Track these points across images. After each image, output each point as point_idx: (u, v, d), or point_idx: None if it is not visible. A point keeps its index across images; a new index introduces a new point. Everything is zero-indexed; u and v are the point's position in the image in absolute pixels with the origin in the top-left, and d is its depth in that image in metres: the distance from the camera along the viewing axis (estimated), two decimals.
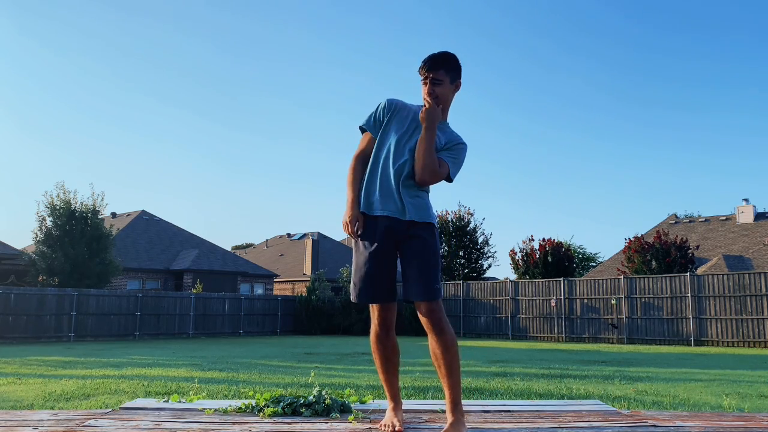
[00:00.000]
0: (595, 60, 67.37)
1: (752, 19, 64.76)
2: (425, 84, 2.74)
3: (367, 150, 2.83)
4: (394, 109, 2.83)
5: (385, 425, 2.64)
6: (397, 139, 2.75)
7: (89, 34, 57.00)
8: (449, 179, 2.75)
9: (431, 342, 2.65)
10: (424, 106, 2.70)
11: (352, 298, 2.75)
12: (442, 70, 2.73)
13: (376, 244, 2.69)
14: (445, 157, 2.74)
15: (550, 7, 62.42)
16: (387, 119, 2.81)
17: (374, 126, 2.83)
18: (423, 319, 2.64)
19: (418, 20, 61.72)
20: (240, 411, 3.02)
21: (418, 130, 2.73)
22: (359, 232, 2.69)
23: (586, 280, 21.45)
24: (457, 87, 2.81)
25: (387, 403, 2.88)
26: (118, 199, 75.97)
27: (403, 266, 2.71)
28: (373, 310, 2.76)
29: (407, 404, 3.36)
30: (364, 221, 2.72)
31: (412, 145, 2.73)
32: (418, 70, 2.76)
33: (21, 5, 50.80)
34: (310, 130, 74.24)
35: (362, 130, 2.88)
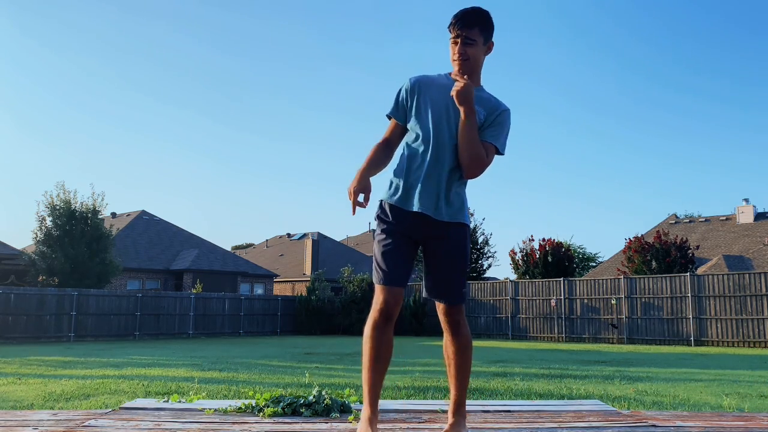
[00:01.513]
0: (593, 58, 67.40)
1: (754, 15, 64.76)
2: (455, 44, 2.45)
3: (392, 138, 2.59)
4: (419, 89, 2.52)
5: None
6: (434, 126, 2.46)
7: (89, 33, 57.06)
8: (500, 153, 2.52)
9: (446, 341, 2.56)
10: (456, 85, 2.37)
11: (375, 281, 2.52)
12: (476, 29, 2.43)
13: (402, 236, 2.48)
14: (489, 137, 2.47)
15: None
16: (414, 102, 2.52)
17: (399, 112, 2.56)
18: (442, 318, 2.54)
19: (421, 13, 61.75)
20: (240, 411, 3.01)
21: (455, 108, 2.44)
22: (361, 202, 2.43)
23: (586, 280, 21.45)
24: (489, 48, 2.51)
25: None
26: (118, 199, 76.09)
27: (429, 264, 2.54)
28: (379, 293, 2.49)
29: (407, 404, 3.35)
30: (398, 212, 2.48)
31: (452, 132, 2.45)
32: (448, 28, 2.47)
33: (21, 5, 50.84)
34: (310, 130, 74.29)
35: (389, 117, 2.62)
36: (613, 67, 67.79)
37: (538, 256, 26.45)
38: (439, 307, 2.54)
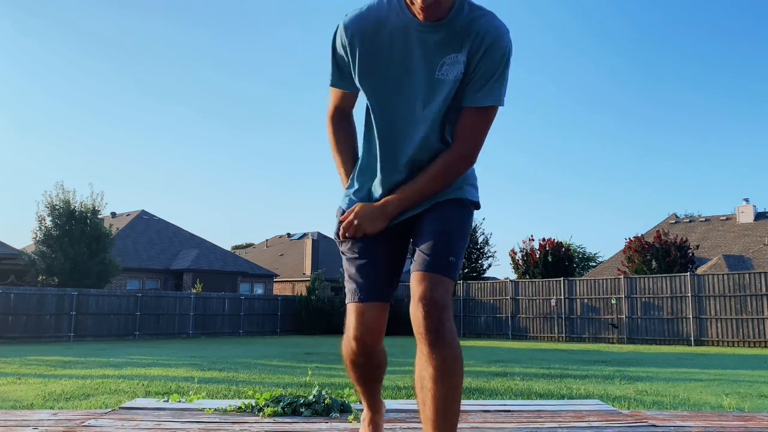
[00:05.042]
0: (593, 57, 67.42)
1: (754, 12, 64.78)
2: None
3: (343, 105, 1.90)
4: (359, 39, 1.70)
5: None
6: (386, 92, 1.74)
7: (86, 32, 57.03)
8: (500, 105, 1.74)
9: (421, 358, 1.61)
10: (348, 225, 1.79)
11: (349, 299, 1.84)
12: None
13: (379, 241, 1.82)
14: (481, 98, 1.69)
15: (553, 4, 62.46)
16: (356, 59, 1.73)
17: (342, 78, 1.81)
18: (417, 312, 1.60)
19: None
20: (240, 411, 3.01)
21: (414, 60, 1.69)
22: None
23: (586, 280, 21.46)
24: None
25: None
26: (118, 199, 76.03)
27: (414, 236, 1.82)
28: (353, 314, 1.81)
29: (407, 404, 3.34)
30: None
31: (417, 96, 1.71)
32: None
33: (18, 4, 50.84)
34: (312, 129, 74.26)
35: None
36: (613, 65, 67.84)
37: (538, 256, 26.47)
38: (414, 289, 1.65)
